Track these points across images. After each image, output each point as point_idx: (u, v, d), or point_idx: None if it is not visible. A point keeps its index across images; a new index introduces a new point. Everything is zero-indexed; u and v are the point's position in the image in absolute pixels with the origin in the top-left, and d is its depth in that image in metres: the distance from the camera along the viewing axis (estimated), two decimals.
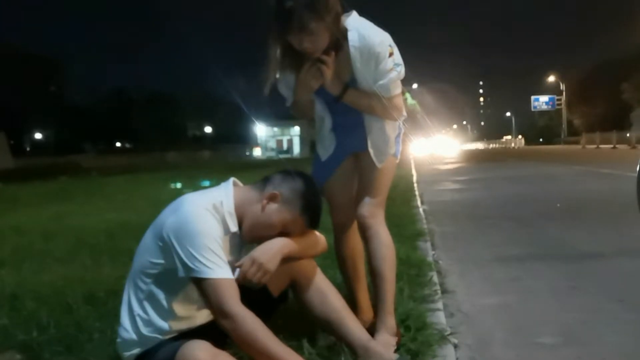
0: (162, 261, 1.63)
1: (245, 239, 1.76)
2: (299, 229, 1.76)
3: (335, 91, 1.97)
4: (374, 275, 2.10)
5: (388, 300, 2.06)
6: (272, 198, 1.72)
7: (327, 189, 2.15)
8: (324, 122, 2.11)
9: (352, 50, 1.86)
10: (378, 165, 2.08)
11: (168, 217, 1.63)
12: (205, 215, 1.61)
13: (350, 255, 2.21)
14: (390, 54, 1.90)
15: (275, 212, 1.72)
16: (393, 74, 1.93)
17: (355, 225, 2.19)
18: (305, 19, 1.75)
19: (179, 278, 1.60)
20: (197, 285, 1.58)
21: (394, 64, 1.92)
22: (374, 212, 2.08)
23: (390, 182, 2.20)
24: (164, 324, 1.67)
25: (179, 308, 1.68)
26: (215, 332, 1.73)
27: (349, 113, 2.02)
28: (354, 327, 1.80)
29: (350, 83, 1.96)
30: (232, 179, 1.79)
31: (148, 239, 1.69)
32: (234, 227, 1.69)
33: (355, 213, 2.11)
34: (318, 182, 2.11)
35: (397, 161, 2.20)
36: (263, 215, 1.71)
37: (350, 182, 2.16)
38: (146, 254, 1.67)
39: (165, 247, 1.60)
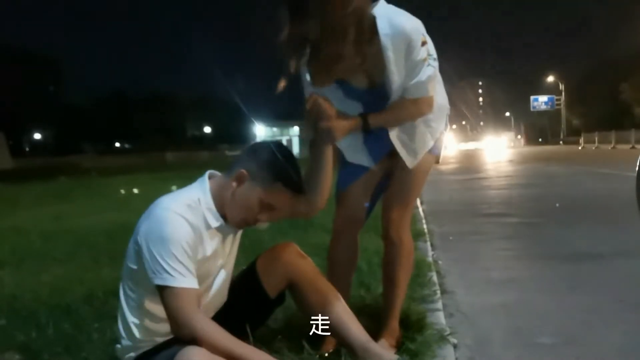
0: (136, 267, 1.60)
1: (235, 227, 1.74)
2: (283, 198, 1.67)
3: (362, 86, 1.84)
4: (387, 280, 2.07)
5: (396, 306, 2.05)
6: (239, 179, 1.65)
7: (344, 193, 2.05)
8: (355, 133, 1.92)
9: (383, 38, 1.70)
10: (409, 166, 1.95)
11: (143, 222, 1.61)
12: (174, 220, 1.56)
13: (344, 261, 2.12)
14: (424, 43, 1.75)
15: (247, 191, 1.65)
16: (430, 70, 1.78)
17: (356, 231, 2.10)
18: (324, 7, 1.60)
19: None
20: (159, 291, 1.54)
21: (427, 55, 1.78)
22: (401, 218, 1.98)
23: (424, 183, 2.07)
24: (156, 328, 1.65)
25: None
26: None
27: (380, 98, 1.86)
28: (353, 329, 1.79)
29: (384, 86, 1.80)
30: (207, 172, 1.74)
31: (130, 244, 1.67)
32: (215, 222, 1.65)
33: (383, 215, 2.01)
34: (340, 187, 2.04)
35: (438, 160, 2.07)
36: (237, 198, 1.65)
37: (372, 186, 2.05)
38: (128, 259, 1.65)
39: (139, 252, 1.58)
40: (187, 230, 1.57)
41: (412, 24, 1.74)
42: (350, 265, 2.15)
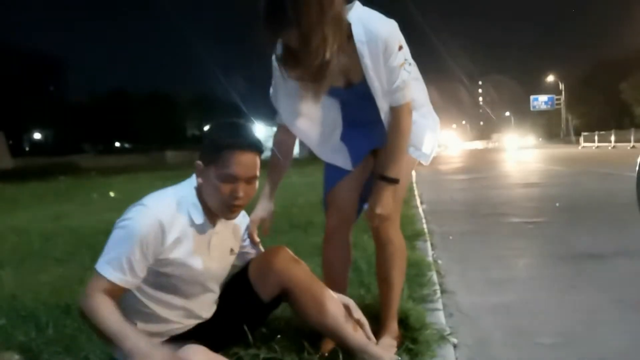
0: None
1: (225, 217, 1.70)
2: (235, 162, 1.60)
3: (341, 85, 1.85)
4: (381, 280, 2.07)
5: (393, 306, 2.05)
6: (198, 171, 1.66)
7: (333, 191, 2.05)
8: (334, 132, 1.99)
9: (359, 46, 1.71)
10: (422, 161, 2.00)
11: None
12: (142, 216, 1.56)
13: (338, 260, 2.11)
14: (400, 48, 1.76)
15: (207, 176, 1.63)
16: (405, 75, 1.78)
17: (348, 229, 2.10)
18: (295, 13, 1.57)
19: (153, 281, 1.61)
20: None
21: (404, 59, 1.78)
22: (391, 217, 1.95)
23: (408, 182, 2.07)
24: (151, 329, 1.66)
25: (162, 312, 1.67)
26: (211, 335, 1.72)
27: (362, 111, 1.90)
28: (351, 331, 1.77)
29: (362, 84, 1.81)
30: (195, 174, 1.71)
31: None
32: (199, 219, 1.65)
33: (370, 199, 1.96)
34: (327, 187, 2.05)
35: (427, 163, 2.05)
36: (205, 187, 1.64)
37: (359, 183, 2.05)
38: None
39: None
40: (152, 230, 1.55)
41: (388, 29, 1.74)
42: (345, 264, 2.14)
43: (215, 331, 1.78)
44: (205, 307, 1.79)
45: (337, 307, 1.79)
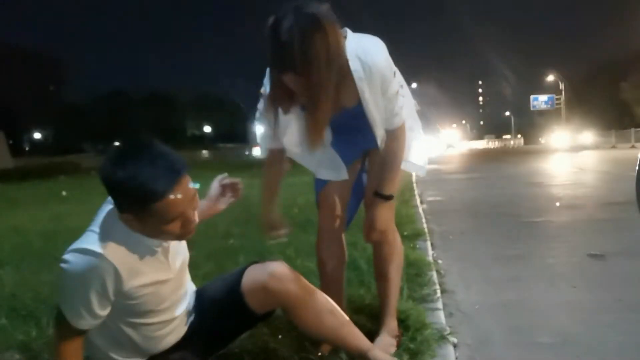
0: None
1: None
2: (180, 201, 1.39)
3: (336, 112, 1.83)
4: (379, 278, 2.09)
5: (391, 304, 2.06)
6: (126, 222, 1.44)
7: (324, 191, 2.06)
8: (325, 148, 1.98)
9: (358, 83, 1.72)
10: (422, 174, 2.11)
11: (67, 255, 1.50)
12: (89, 261, 1.42)
13: (332, 261, 2.11)
14: (394, 74, 1.80)
15: (149, 225, 1.43)
16: (401, 101, 1.83)
17: (341, 229, 2.10)
18: (304, 61, 1.54)
19: (128, 311, 1.57)
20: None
21: (399, 86, 1.82)
22: (387, 215, 1.97)
23: (400, 179, 2.08)
24: (139, 346, 1.64)
25: (146, 334, 1.63)
26: (199, 344, 1.72)
27: (352, 126, 1.90)
28: (352, 340, 1.74)
29: (357, 108, 1.81)
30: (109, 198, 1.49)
31: None
32: (150, 243, 1.51)
33: (368, 214, 1.99)
34: (318, 188, 2.07)
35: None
36: (151, 233, 1.47)
37: (349, 184, 2.07)
38: None
39: None
40: (102, 271, 1.43)
41: (383, 58, 1.74)
42: (339, 263, 2.15)
43: (203, 340, 1.76)
44: (181, 300, 1.72)
45: (336, 318, 1.75)
